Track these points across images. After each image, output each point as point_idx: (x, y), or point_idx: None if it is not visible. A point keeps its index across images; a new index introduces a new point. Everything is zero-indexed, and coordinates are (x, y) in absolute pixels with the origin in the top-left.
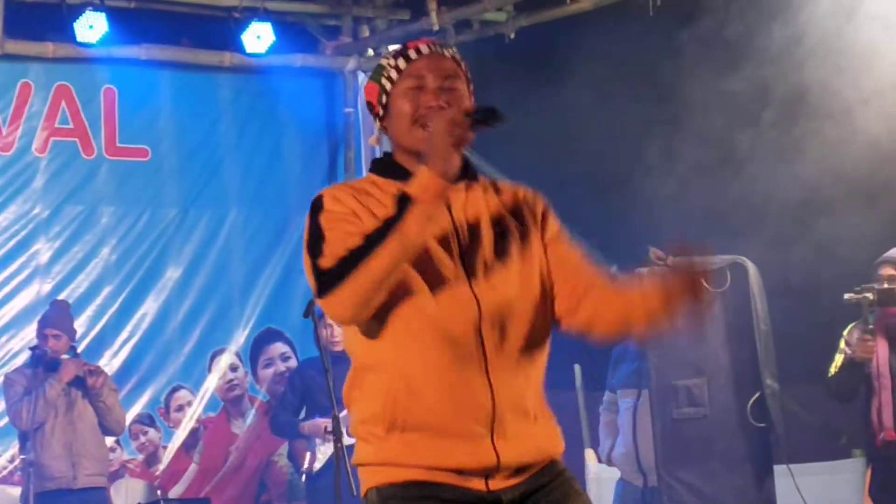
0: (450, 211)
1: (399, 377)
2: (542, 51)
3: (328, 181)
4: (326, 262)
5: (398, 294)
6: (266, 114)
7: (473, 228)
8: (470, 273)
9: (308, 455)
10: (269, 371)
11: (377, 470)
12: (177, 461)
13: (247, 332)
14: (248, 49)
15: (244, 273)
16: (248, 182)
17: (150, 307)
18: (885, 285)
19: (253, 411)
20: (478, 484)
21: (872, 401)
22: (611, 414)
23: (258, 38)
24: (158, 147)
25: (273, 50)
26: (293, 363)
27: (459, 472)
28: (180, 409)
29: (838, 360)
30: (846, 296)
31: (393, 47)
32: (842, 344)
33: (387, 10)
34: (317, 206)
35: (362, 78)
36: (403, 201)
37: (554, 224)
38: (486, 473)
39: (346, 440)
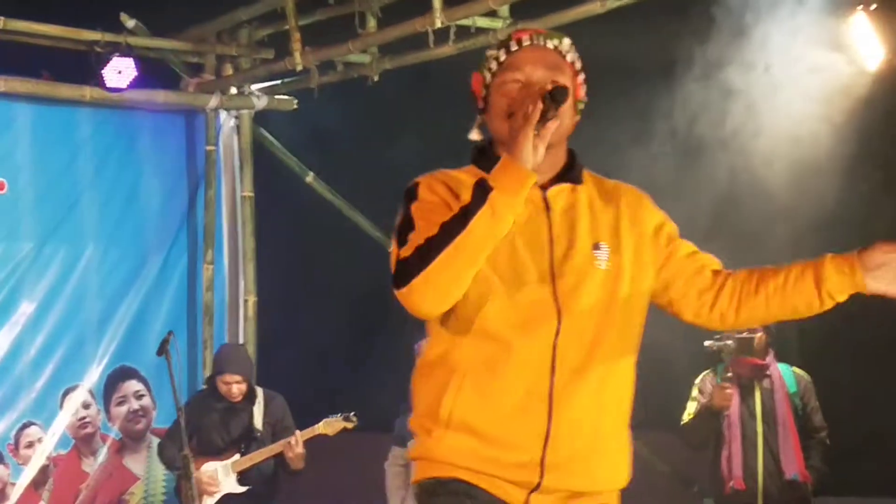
0: (548, 212)
1: (461, 375)
2: (406, 93)
3: (187, 220)
4: (405, 251)
5: (478, 291)
6: (126, 149)
7: (571, 233)
8: (557, 281)
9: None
10: (123, 409)
11: (423, 464)
12: (26, 499)
13: (100, 368)
14: (109, 84)
15: (99, 309)
16: (106, 218)
17: (2, 341)
18: (745, 334)
19: (105, 449)
20: (517, 497)
21: (722, 450)
22: (399, 468)
23: (119, 73)
24: (15, 180)
25: (134, 85)
26: (147, 401)
27: (502, 480)
28: (30, 445)
29: (691, 407)
30: (706, 343)
31: (257, 86)
32: (694, 392)
33: (250, 49)
34: (410, 195)
35: (224, 116)
36: (481, 189)
37: (666, 225)
38: (530, 489)
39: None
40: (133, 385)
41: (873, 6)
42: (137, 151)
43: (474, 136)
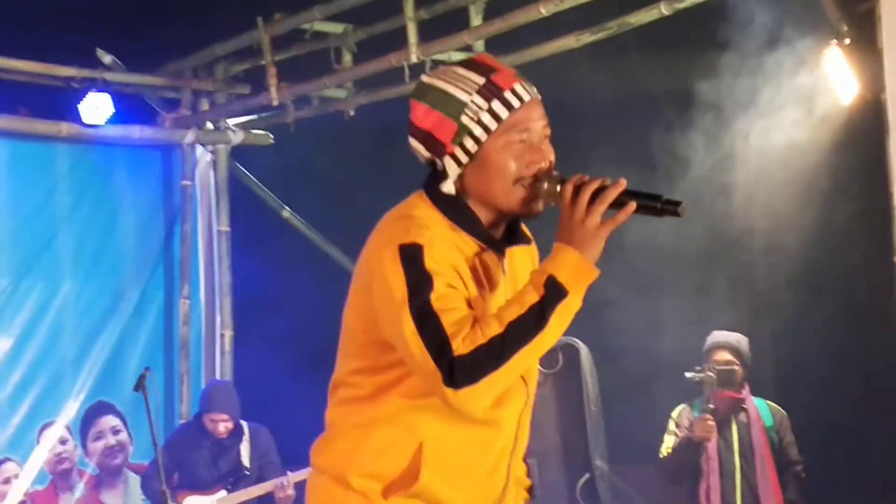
0: (505, 277)
1: (432, 450)
2: (382, 128)
3: (164, 255)
4: (462, 348)
5: None
6: (102, 185)
7: None
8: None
9: None
10: (100, 444)
11: None
12: None
13: (77, 404)
14: (86, 119)
15: (76, 345)
16: (83, 253)
17: None
18: (726, 366)
19: (82, 485)
20: None
21: (700, 483)
22: None
23: (96, 108)
24: None
25: (111, 121)
26: (124, 437)
27: None
28: (7, 481)
29: (669, 441)
30: (688, 374)
31: (233, 121)
32: (671, 426)
33: (226, 84)
34: (414, 264)
35: (200, 151)
36: (554, 288)
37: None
38: None
39: None
40: (110, 420)
41: (847, 41)
42: (114, 186)
43: (449, 188)
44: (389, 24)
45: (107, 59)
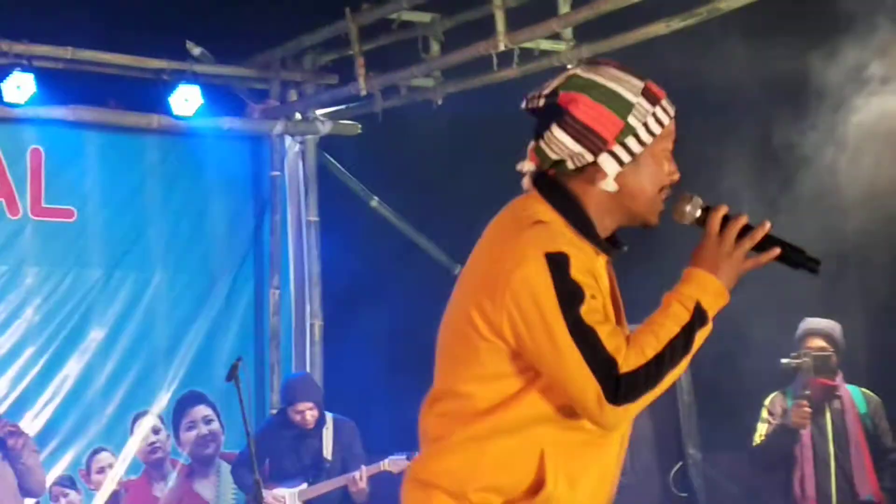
0: (614, 283)
1: (554, 458)
2: (470, 116)
3: (254, 245)
4: (627, 364)
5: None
6: (192, 176)
7: (620, 307)
8: None
9: None
10: (192, 434)
11: None
12: None
13: (169, 394)
14: (176, 111)
15: (168, 335)
16: (174, 244)
17: (72, 368)
18: (821, 352)
19: (174, 474)
20: None
21: (795, 471)
22: None
23: (186, 100)
24: (84, 208)
25: (200, 112)
26: (216, 426)
27: None
28: (101, 471)
29: (762, 429)
30: (783, 361)
31: (321, 111)
32: (763, 413)
33: (315, 75)
34: (563, 277)
35: (289, 141)
36: (699, 312)
37: None
38: None
39: None
40: (202, 410)
41: None
42: (204, 178)
43: (611, 186)
44: (477, 12)
45: (196, 51)
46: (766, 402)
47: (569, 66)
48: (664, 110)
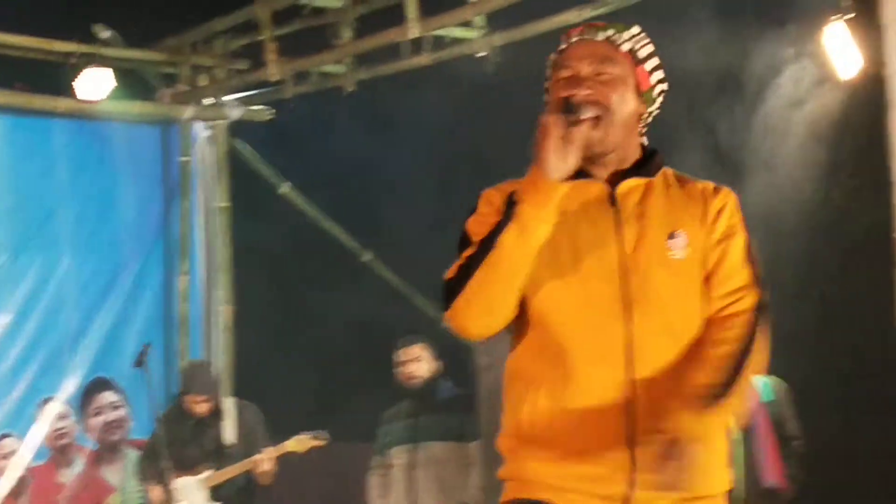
0: (614, 207)
1: (535, 387)
2: (381, 103)
3: (163, 231)
4: (451, 271)
5: (540, 296)
6: (101, 160)
7: (642, 225)
8: (629, 276)
9: None
10: (99, 420)
11: (509, 485)
12: None
13: (77, 379)
14: (84, 95)
15: (75, 320)
16: (82, 229)
17: None
18: None
19: (81, 460)
20: None
21: None
22: (380, 478)
23: (94, 84)
24: None
25: (109, 96)
26: (123, 412)
27: (592, 496)
28: (6, 457)
29: None
30: None
31: (232, 97)
32: None
33: (225, 60)
34: (471, 209)
35: (199, 126)
36: (510, 203)
37: (723, 225)
38: (623, 502)
39: None
40: (109, 396)
41: (850, 16)
42: (112, 162)
43: None
44: None
45: (105, 34)
46: None
47: (480, 54)
48: (558, 48)
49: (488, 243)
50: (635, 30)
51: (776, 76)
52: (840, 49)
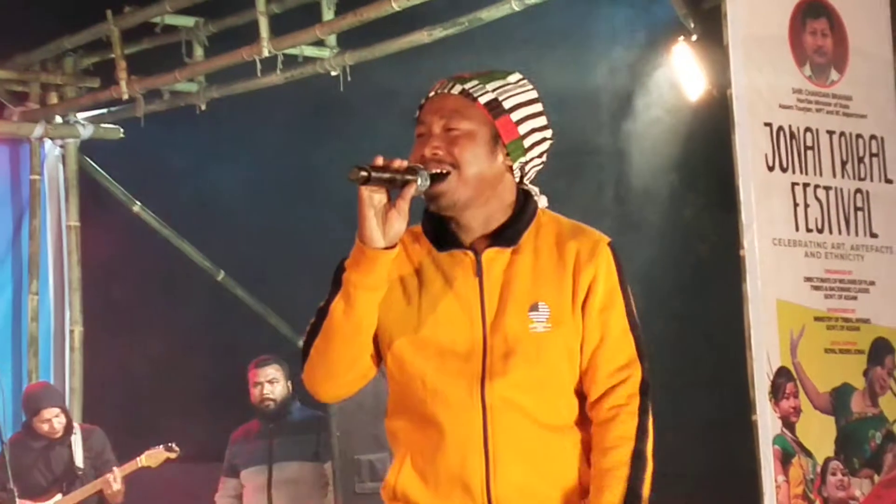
0: (479, 276)
1: (404, 451)
2: (234, 122)
3: (12, 250)
4: (307, 333)
5: (402, 365)
6: None
7: (504, 296)
8: (487, 349)
9: None
10: None
11: None
12: None
13: None
14: None
15: None
16: None
17: None
18: None
19: None
20: None
21: None
22: (230, 499)
23: None
24: None
25: None
26: None
27: None
28: None
29: None
30: None
31: (82, 115)
32: None
33: (76, 78)
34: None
35: (49, 145)
36: (339, 270)
37: (600, 295)
38: None
39: None
40: None
41: (694, 37)
42: None
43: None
44: (241, 17)
45: None
46: None
47: (332, 73)
48: (420, 105)
49: (324, 311)
50: (512, 78)
51: (630, 98)
52: (686, 70)
